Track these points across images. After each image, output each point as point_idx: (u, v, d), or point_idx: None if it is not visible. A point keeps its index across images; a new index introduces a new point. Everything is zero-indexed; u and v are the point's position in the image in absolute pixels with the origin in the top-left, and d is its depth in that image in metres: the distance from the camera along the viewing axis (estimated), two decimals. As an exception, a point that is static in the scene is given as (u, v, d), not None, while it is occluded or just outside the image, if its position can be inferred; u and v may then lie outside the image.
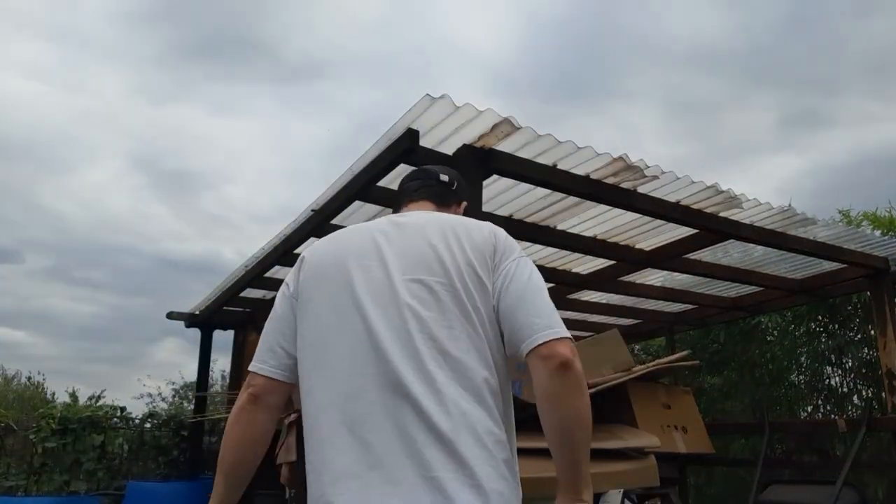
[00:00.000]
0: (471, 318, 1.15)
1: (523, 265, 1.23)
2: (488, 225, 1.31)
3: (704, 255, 4.22)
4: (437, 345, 1.12)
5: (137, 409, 10.56)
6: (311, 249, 1.34)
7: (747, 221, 3.63)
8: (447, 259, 1.20)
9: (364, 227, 1.32)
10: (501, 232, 1.30)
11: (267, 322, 1.31)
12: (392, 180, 3.08)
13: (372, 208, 3.47)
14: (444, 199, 1.49)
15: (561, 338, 1.12)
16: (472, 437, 1.06)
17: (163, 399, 13.72)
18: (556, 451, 1.11)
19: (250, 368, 1.29)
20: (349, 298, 1.18)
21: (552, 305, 1.19)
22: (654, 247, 4.04)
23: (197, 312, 6.09)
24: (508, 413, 1.20)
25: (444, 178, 1.52)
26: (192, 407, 7.07)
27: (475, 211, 2.70)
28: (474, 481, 1.02)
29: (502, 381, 1.18)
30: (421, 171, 1.57)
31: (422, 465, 1.02)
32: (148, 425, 6.30)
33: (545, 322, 1.14)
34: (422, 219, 1.31)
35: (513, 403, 1.23)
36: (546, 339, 1.12)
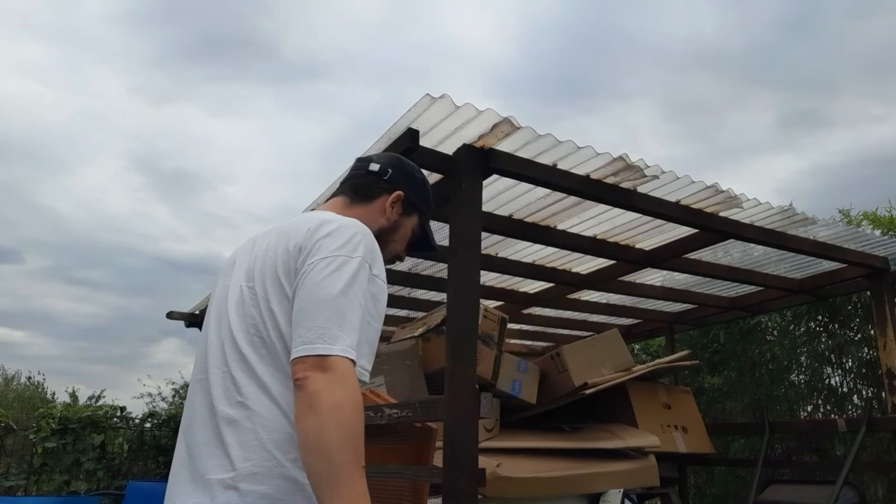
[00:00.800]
0: (265, 322, 1.14)
1: (323, 265, 1.09)
2: (317, 220, 1.18)
3: (704, 254, 4.21)
4: (238, 349, 1.15)
5: (137, 409, 10.58)
6: None
7: (747, 221, 3.63)
8: (259, 262, 1.20)
9: (252, 235, 1.35)
10: (324, 229, 1.15)
11: None
12: (392, 180, 3.08)
13: (372, 208, 3.46)
14: (365, 194, 1.36)
15: (304, 356, 1.03)
16: (251, 438, 1.08)
17: (163, 399, 13.72)
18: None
19: None
20: (210, 307, 1.28)
21: (333, 313, 1.06)
22: (653, 247, 4.04)
23: (197, 312, 6.08)
24: None
25: (375, 167, 1.37)
26: (192, 407, 7.06)
27: (474, 211, 2.71)
28: (235, 483, 1.05)
29: None
30: (358, 161, 1.45)
31: (206, 468, 1.09)
32: (148, 425, 6.30)
33: (307, 335, 1.04)
34: (289, 221, 1.26)
35: None
36: (294, 355, 1.04)
